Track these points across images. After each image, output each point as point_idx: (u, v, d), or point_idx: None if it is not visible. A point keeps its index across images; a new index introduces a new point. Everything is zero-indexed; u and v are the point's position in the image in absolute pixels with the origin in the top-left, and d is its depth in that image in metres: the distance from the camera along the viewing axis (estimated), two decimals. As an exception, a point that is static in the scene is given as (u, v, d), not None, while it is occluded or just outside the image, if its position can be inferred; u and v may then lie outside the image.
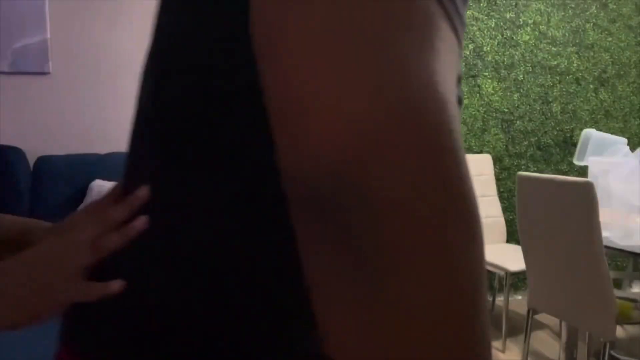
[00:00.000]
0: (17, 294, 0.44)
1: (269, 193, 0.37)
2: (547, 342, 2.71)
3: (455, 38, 0.30)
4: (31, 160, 2.49)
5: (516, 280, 3.34)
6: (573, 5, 3.38)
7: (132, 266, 0.42)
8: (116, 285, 0.40)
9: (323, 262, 0.27)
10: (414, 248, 0.25)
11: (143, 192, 0.41)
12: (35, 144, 2.57)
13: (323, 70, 0.26)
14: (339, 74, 0.26)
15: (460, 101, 0.36)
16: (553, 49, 3.38)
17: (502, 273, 2.66)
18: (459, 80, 0.35)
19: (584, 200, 1.69)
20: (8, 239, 0.62)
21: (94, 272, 0.43)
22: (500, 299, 3.14)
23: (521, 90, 3.37)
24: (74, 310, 0.44)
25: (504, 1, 3.29)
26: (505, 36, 3.30)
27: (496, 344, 2.71)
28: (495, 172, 3.25)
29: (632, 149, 2.24)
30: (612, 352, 1.82)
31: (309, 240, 0.28)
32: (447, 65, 0.29)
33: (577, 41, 3.40)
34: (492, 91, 3.31)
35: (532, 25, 3.35)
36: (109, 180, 2.43)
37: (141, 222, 0.41)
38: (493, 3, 3.26)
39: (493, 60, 3.30)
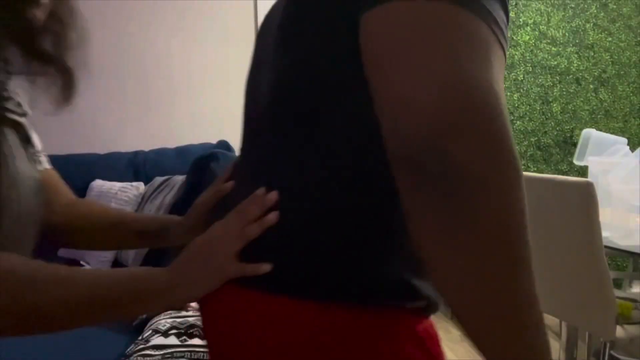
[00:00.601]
0: (194, 275, 0.60)
1: (376, 163, 0.50)
2: (547, 342, 2.70)
3: (503, 54, 0.45)
4: (31, 160, 2.48)
5: (516, 280, 3.33)
6: (573, 5, 3.38)
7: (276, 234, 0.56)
8: (266, 267, 0.55)
9: (419, 202, 0.42)
10: (486, 191, 0.40)
11: (273, 195, 0.56)
12: (35, 144, 2.57)
13: (419, 77, 0.41)
14: (429, 78, 0.40)
15: None
16: (553, 49, 3.38)
17: (502, 273, 2.65)
18: None
19: (584, 200, 1.69)
20: (149, 231, 0.81)
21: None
22: (500, 299, 3.13)
23: (521, 90, 3.37)
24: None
25: (504, 1, 3.28)
26: (505, 36, 3.30)
27: (496, 344, 2.70)
28: (495, 172, 3.24)
29: (632, 149, 2.24)
30: (612, 352, 1.82)
31: (410, 189, 0.43)
32: (499, 73, 0.43)
33: (577, 41, 3.40)
34: (492, 91, 3.31)
35: (532, 25, 3.35)
36: (109, 180, 2.42)
37: (273, 216, 0.56)
38: (493, 3, 3.25)
39: (493, 60, 3.29)
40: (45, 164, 0.81)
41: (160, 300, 0.61)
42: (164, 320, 1.56)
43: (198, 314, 1.78)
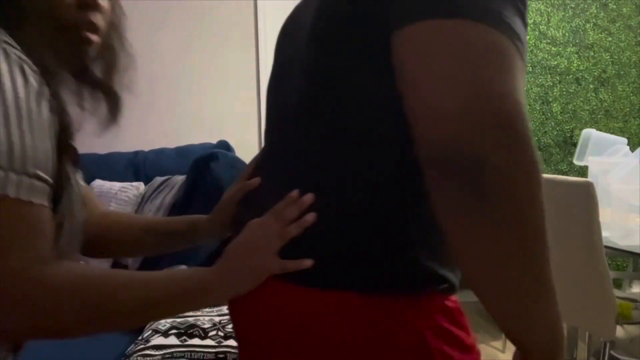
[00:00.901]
0: (239, 273, 0.64)
1: (404, 164, 0.55)
2: (547, 342, 2.70)
3: (523, 65, 0.50)
4: (31, 160, 2.48)
5: (516, 280, 3.33)
6: (573, 5, 3.38)
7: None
8: (308, 262, 0.59)
9: (449, 200, 0.47)
10: (510, 189, 0.45)
11: (309, 197, 0.60)
12: (35, 144, 2.56)
13: (446, 88, 0.45)
14: (456, 89, 0.45)
15: None
16: (553, 49, 3.38)
17: (502, 273, 2.65)
18: None
19: (584, 200, 1.69)
20: (178, 231, 0.87)
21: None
22: (500, 299, 3.12)
23: (521, 90, 3.36)
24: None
25: (504, 1, 3.28)
26: (505, 36, 3.29)
27: (496, 344, 2.71)
28: (495, 172, 3.24)
29: (632, 149, 2.24)
30: (612, 352, 1.82)
31: (440, 188, 0.48)
32: (520, 84, 0.48)
33: (577, 41, 3.40)
34: (492, 91, 3.30)
35: (532, 25, 3.35)
36: (109, 180, 2.42)
37: (312, 217, 0.60)
38: (493, 3, 3.25)
39: (493, 60, 3.29)
40: (81, 181, 0.86)
41: (208, 298, 0.65)
42: (164, 320, 1.56)
43: (199, 313, 1.77)
